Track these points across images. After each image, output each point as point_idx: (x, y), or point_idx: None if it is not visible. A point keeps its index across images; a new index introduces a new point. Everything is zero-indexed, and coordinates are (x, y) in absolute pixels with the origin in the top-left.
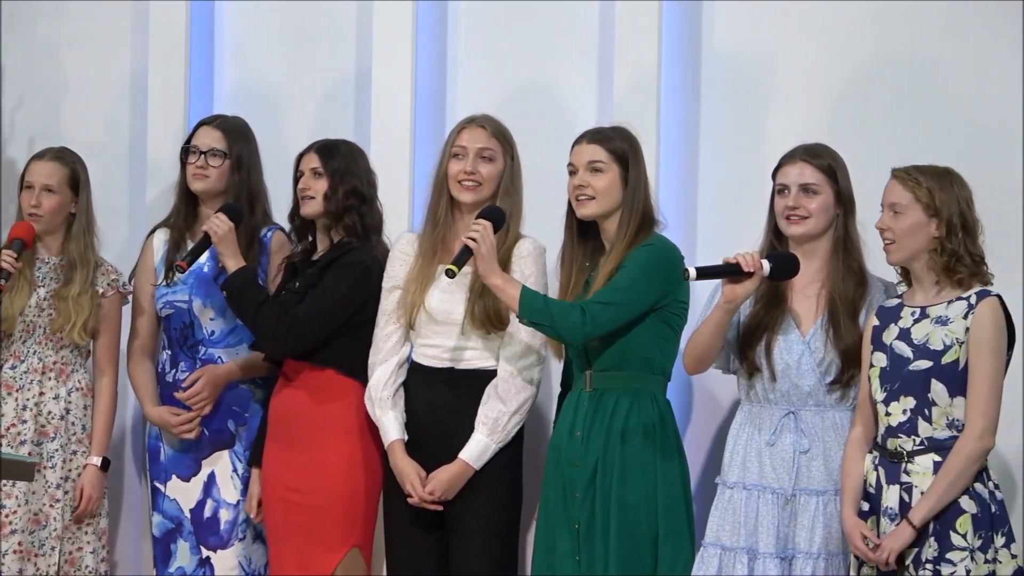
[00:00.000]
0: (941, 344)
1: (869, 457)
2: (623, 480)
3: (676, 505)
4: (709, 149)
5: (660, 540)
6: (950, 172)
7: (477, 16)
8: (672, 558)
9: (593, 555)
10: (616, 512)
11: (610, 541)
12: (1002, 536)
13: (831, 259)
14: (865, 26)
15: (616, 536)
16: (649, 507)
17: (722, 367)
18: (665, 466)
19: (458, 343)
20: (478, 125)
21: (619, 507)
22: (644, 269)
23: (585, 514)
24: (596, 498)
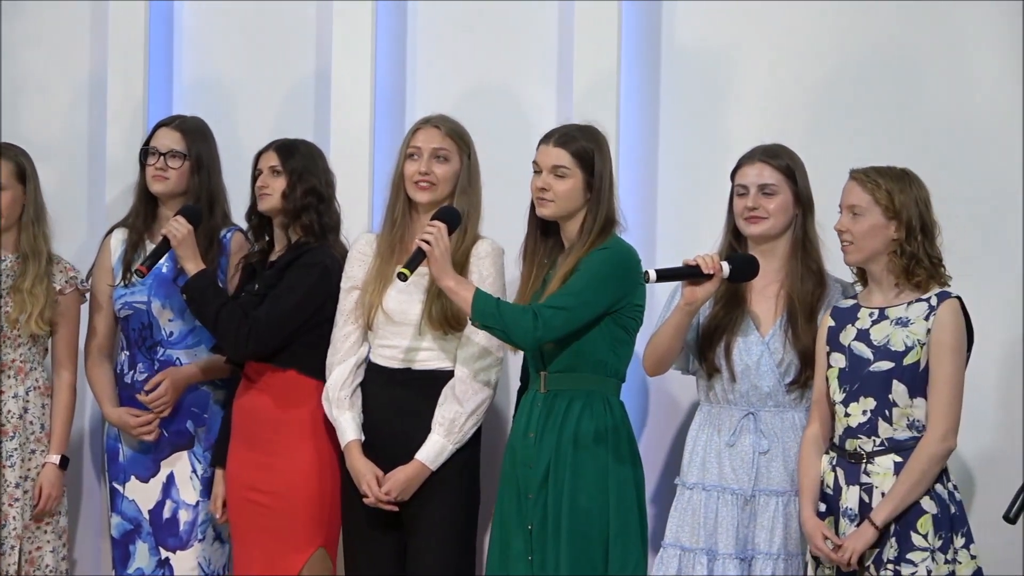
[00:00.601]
0: (902, 345)
1: (826, 458)
2: (575, 483)
3: (628, 507)
4: (669, 149)
5: (610, 542)
6: (908, 173)
7: (437, 16)
8: (622, 560)
9: (545, 556)
10: (568, 514)
11: (561, 542)
12: (962, 537)
13: (790, 259)
14: (826, 25)
15: (567, 538)
16: (601, 509)
17: (681, 368)
18: (617, 469)
19: (415, 344)
20: (432, 125)
21: (571, 509)
22: (598, 274)
23: (538, 515)
24: (548, 500)
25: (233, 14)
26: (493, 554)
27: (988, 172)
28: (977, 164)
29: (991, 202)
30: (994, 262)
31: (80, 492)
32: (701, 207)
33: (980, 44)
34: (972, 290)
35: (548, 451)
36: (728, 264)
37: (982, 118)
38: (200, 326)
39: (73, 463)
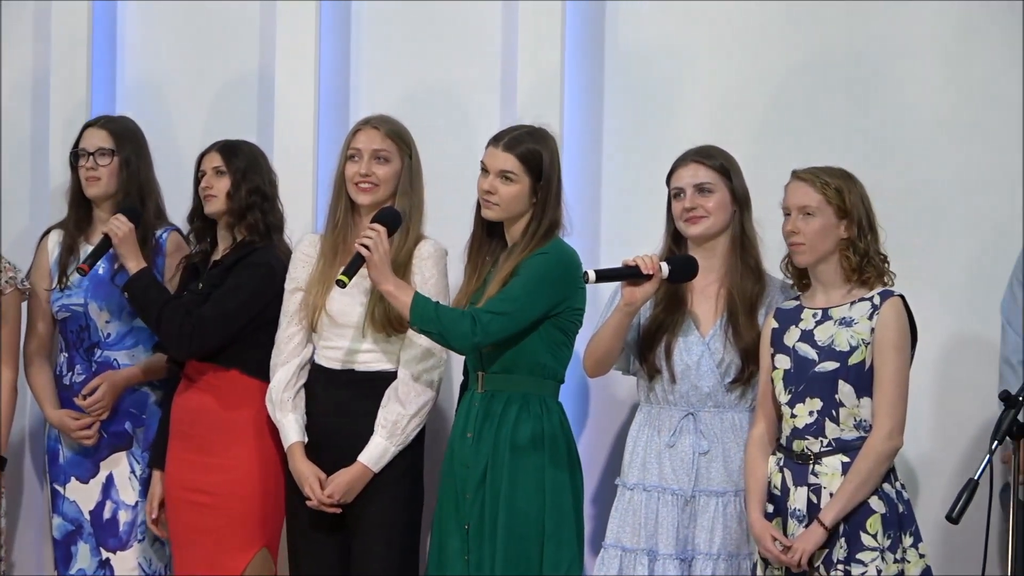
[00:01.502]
0: (847, 345)
1: (773, 459)
2: (512, 484)
3: (563, 509)
4: (613, 150)
5: (545, 542)
6: (849, 173)
7: (380, 16)
8: (556, 560)
9: (481, 556)
10: (504, 514)
11: (497, 542)
12: (910, 536)
13: (729, 257)
14: (770, 27)
15: (504, 537)
16: (537, 510)
17: (622, 369)
18: (554, 473)
19: (358, 346)
20: (372, 126)
21: (507, 509)
22: (537, 278)
23: (475, 515)
24: (485, 499)
25: (176, 14)
26: (432, 553)
27: (929, 172)
28: (918, 165)
29: (931, 202)
30: (934, 262)
31: (21, 495)
32: (645, 208)
33: (920, 46)
34: (913, 290)
35: (486, 452)
36: (667, 265)
37: (922, 119)
38: (139, 327)
39: (15, 464)
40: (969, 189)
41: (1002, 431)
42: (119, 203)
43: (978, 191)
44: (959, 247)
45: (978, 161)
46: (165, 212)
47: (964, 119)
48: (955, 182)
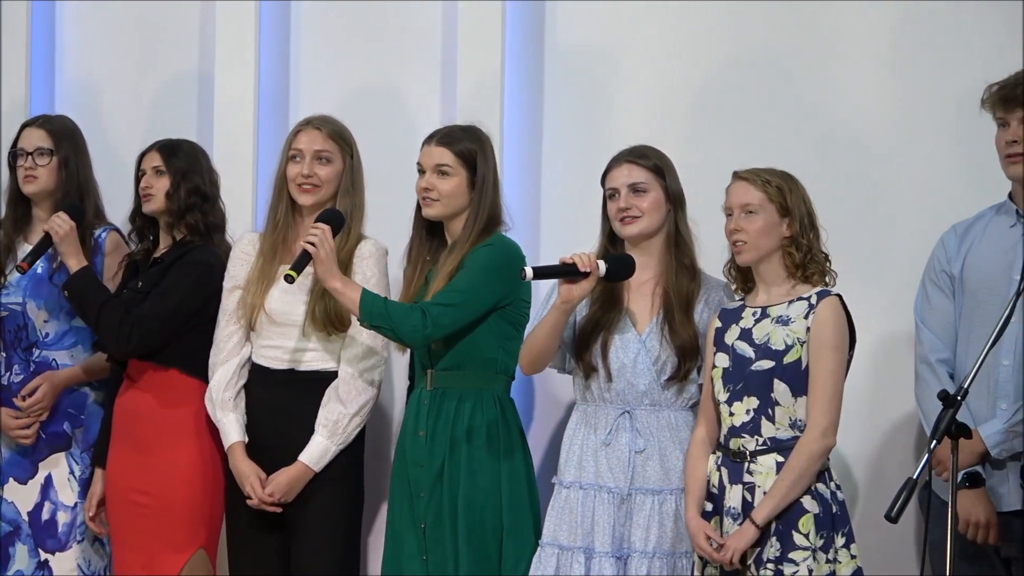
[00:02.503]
0: (783, 344)
1: (712, 458)
2: (469, 480)
3: (520, 503)
4: (552, 149)
5: (504, 538)
6: (790, 174)
7: (320, 16)
8: (516, 557)
9: (440, 555)
10: (463, 511)
11: (457, 540)
12: (843, 536)
13: (664, 256)
14: (709, 26)
15: (463, 535)
16: (494, 506)
17: (558, 367)
18: (509, 464)
19: (299, 344)
20: (314, 127)
21: (465, 506)
22: (484, 269)
23: (431, 514)
24: (443, 498)
25: (116, 14)
26: (387, 555)
27: (862, 173)
28: (852, 165)
29: (865, 203)
30: (870, 261)
31: None
32: (584, 206)
33: (853, 46)
34: (850, 289)
35: (441, 449)
36: (604, 263)
37: (860, 119)
38: (78, 326)
39: None
40: (906, 189)
41: (941, 431)
42: (58, 202)
43: (916, 191)
44: (896, 246)
45: (914, 161)
46: (104, 211)
47: (903, 119)
48: (892, 182)
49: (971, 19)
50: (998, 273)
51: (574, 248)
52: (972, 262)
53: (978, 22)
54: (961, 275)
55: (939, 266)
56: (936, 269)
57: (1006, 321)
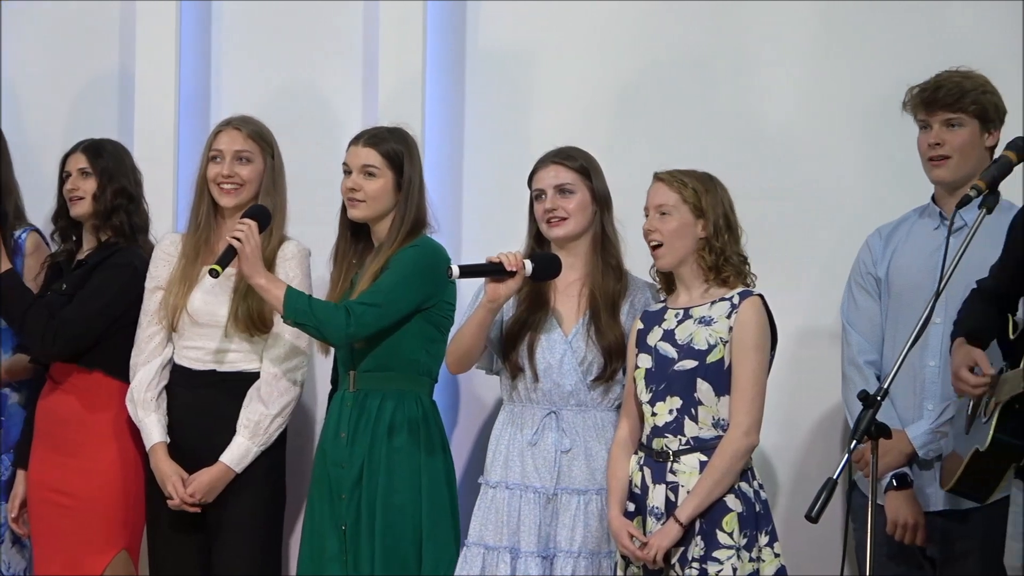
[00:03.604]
0: (705, 344)
1: (635, 458)
2: (389, 481)
3: (441, 506)
4: (474, 149)
5: (424, 540)
6: (712, 177)
7: (242, 16)
8: (435, 559)
9: (360, 556)
10: (382, 513)
11: (376, 542)
12: (766, 535)
13: (591, 257)
14: (631, 27)
15: (382, 537)
16: (414, 507)
17: (485, 368)
18: (430, 465)
19: (221, 345)
20: (234, 127)
21: (385, 508)
22: (408, 270)
23: (351, 515)
24: (362, 499)
25: (35, 13)
26: (304, 556)
27: (782, 173)
28: (771, 165)
29: (784, 203)
30: (786, 262)
31: None
32: (507, 207)
33: (773, 47)
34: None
35: (362, 450)
36: (531, 262)
37: (776, 120)
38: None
39: None
40: (825, 189)
41: (861, 431)
42: None
43: (834, 191)
44: (816, 246)
45: (833, 161)
46: (24, 212)
47: (822, 119)
48: (811, 182)
49: (889, 21)
50: (923, 275)
51: (496, 249)
52: (897, 264)
53: (896, 24)
54: (887, 277)
55: (864, 268)
56: (862, 272)
57: (925, 322)
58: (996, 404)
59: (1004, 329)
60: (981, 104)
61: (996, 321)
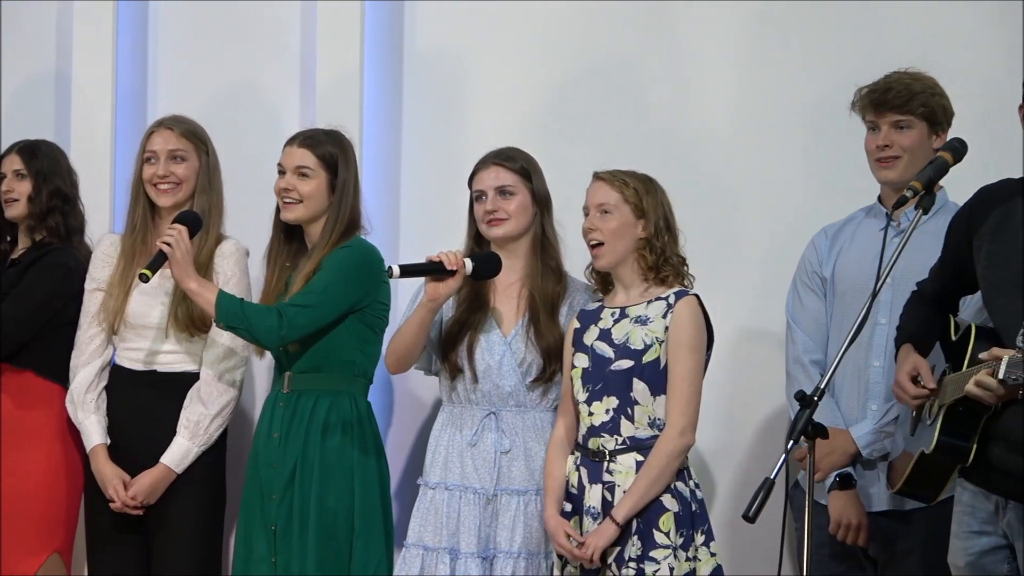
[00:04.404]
0: (641, 343)
1: (571, 458)
2: (322, 481)
3: (372, 506)
4: (412, 149)
5: (355, 540)
6: (652, 179)
7: (179, 16)
8: (364, 559)
9: (290, 557)
10: (315, 514)
11: (308, 542)
12: (702, 534)
13: (531, 258)
14: (567, 29)
15: (314, 537)
16: (347, 508)
17: (424, 369)
18: (363, 465)
19: (160, 346)
20: (166, 127)
21: (318, 508)
22: (341, 271)
23: (283, 516)
24: (294, 500)
25: None
26: (238, 556)
27: (717, 174)
28: (707, 166)
29: (720, 203)
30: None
31: None
32: (444, 207)
33: (707, 49)
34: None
35: (295, 450)
36: (471, 261)
37: (712, 122)
38: None
39: None
40: (761, 190)
41: (797, 431)
42: None
43: (770, 192)
44: (752, 245)
45: (769, 163)
46: None
47: (757, 121)
48: (747, 183)
49: (826, 20)
50: (868, 276)
51: (433, 248)
52: (843, 264)
53: (833, 23)
54: (832, 277)
55: (810, 268)
56: (807, 271)
57: (863, 322)
58: (940, 407)
59: (946, 331)
60: (930, 106)
61: (938, 323)
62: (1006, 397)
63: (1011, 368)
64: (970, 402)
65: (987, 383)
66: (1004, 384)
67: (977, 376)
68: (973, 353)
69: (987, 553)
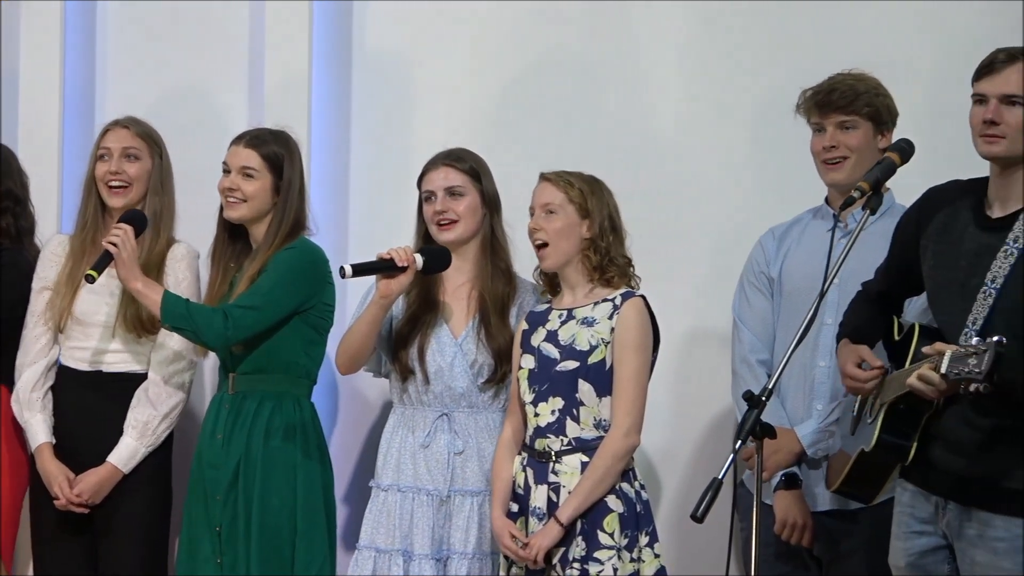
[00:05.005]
0: (587, 344)
1: (518, 459)
2: (265, 482)
3: (315, 506)
4: (361, 150)
5: (297, 541)
6: (598, 179)
7: (127, 16)
8: (307, 559)
9: (235, 557)
10: (258, 514)
11: (251, 543)
12: (646, 536)
13: (480, 260)
14: (514, 29)
15: (257, 538)
16: (289, 509)
17: (374, 371)
18: (306, 466)
19: (108, 346)
20: (122, 126)
21: (261, 509)
22: (287, 272)
23: (227, 516)
24: (238, 500)
25: None
26: (181, 557)
27: (664, 174)
28: (654, 167)
29: (666, 204)
30: (668, 262)
31: None
32: (393, 207)
33: (654, 49)
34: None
35: (238, 451)
36: (421, 256)
37: (659, 122)
38: None
39: None
40: (707, 190)
41: (745, 431)
42: None
43: (716, 192)
44: (697, 246)
45: (714, 163)
46: None
47: (704, 122)
48: (693, 183)
49: (772, 21)
50: (815, 276)
51: (382, 246)
52: (790, 265)
53: (779, 24)
54: (779, 278)
55: (757, 268)
56: (755, 271)
57: (810, 322)
58: (881, 405)
59: (889, 331)
60: (874, 106)
61: (881, 323)
62: (947, 392)
63: (954, 363)
64: (911, 400)
65: (929, 377)
66: (946, 379)
67: (920, 370)
68: (916, 351)
69: (927, 553)
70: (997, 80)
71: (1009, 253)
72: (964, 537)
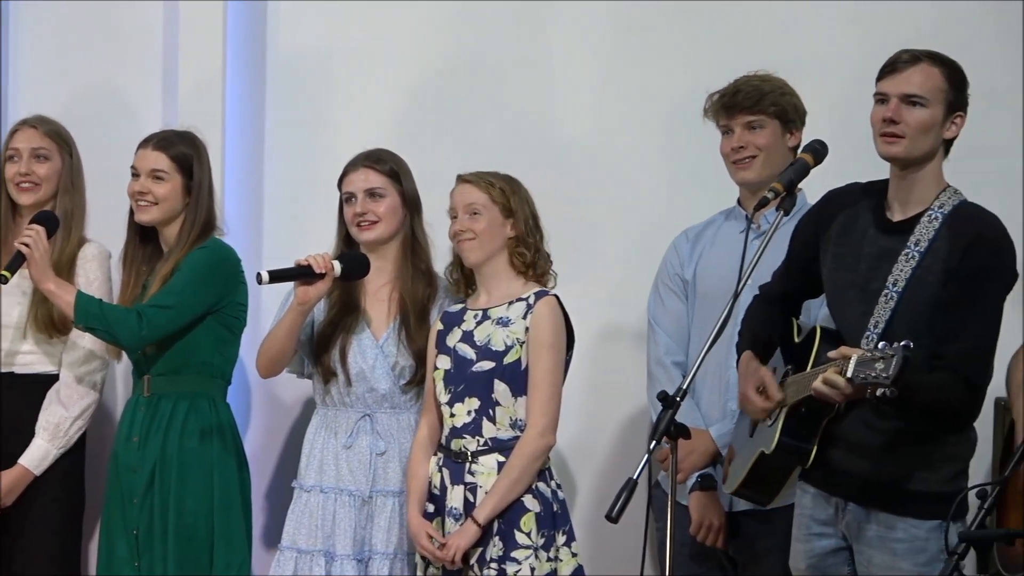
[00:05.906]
0: (503, 344)
1: (434, 459)
2: (181, 484)
3: (232, 506)
4: (275, 151)
5: (215, 542)
6: (515, 178)
7: (38, 15)
8: (226, 560)
9: (152, 560)
10: (174, 516)
11: (168, 545)
12: (563, 535)
13: (401, 261)
14: (429, 29)
15: (174, 539)
16: (207, 510)
17: (296, 372)
18: (223, 467)
19: (19, 347)
20: (30, 126)
21: (177, 511)
22: (199, 272)
23: (144, 519)
24: (155, 503)
25: None
26: (101, 559)
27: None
28: (568, 166)
29: (580, 204)
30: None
31: None
32: (308, 209)
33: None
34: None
35: (153, 453)
36: (339, 263)
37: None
38: None
39: None
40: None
41: (660, 431)
42: None
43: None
44: (610, 245)
45: (627, 163)
46: None
47: (617, 122)
48: (606, 183)
49: (684, 22)
50: (729, 277)
51: (297, 251)
52: (704, 267)
53: (691, 24)
54: (694, 279)
55: (672, 270)
56: (669, 273)
57: (723, 324)
58: (781, 408)
59: (788, 333)
60: (780, 105)
61: (781, 326)
62: (852, 396)
63: (860, 367)
64: (812, 403)
65: (835, 381)
66: (852, 383)
67: (825, 374)
68: (819, 354)
69: (828, 555)
70: (899, 79)
71: (910, 257)
72: (863, 539)
